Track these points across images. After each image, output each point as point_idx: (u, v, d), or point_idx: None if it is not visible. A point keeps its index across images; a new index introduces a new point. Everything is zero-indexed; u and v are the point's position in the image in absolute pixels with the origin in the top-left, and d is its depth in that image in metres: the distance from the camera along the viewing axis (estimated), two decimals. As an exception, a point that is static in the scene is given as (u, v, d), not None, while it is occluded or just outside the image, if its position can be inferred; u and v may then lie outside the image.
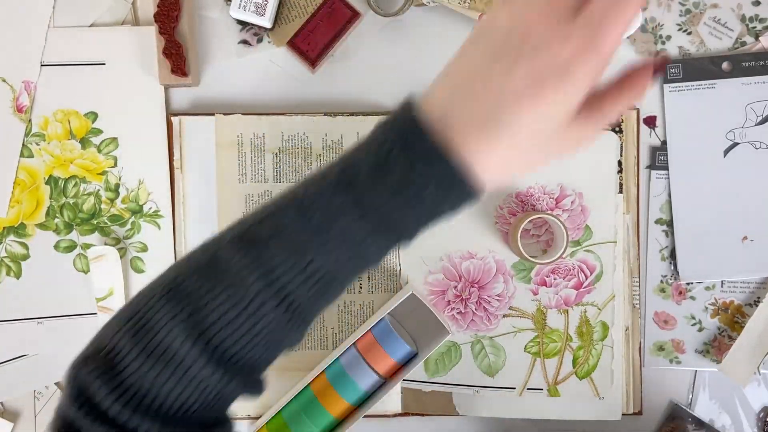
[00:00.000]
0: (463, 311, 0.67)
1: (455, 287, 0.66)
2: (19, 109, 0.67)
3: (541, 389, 0.66)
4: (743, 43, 0.69)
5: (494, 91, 0.33)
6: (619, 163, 0.66)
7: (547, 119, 0.33)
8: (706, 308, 0.69)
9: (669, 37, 0.69)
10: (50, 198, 0.67)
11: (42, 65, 0.67)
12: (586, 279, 0.66)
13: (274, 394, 0.66)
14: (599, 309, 0.66)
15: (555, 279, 0.66)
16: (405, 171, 0.34)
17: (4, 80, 0.67)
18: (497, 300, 0.66)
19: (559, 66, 0.32)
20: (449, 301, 0.66)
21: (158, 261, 0.67)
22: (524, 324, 0.67)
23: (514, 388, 0.66)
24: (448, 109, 0.34)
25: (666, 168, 0.68)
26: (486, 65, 0.33)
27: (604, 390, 0.66)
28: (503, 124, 0.33)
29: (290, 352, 0.41)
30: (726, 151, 0.68)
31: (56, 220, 0.67)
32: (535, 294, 0.66)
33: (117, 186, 0.67)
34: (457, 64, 0.36)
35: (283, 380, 0.66)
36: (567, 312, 0.66)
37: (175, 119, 0.67)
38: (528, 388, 0.66)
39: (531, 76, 0.32)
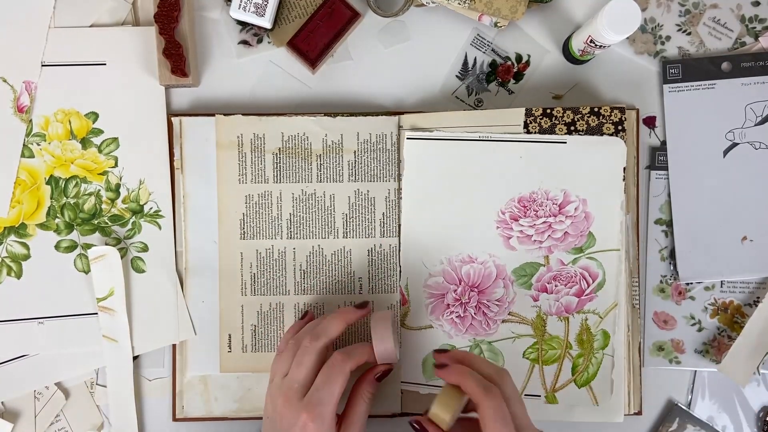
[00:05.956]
0: (462, 315, 0.66)
1: (455, 291, 0.66)
2: (20, 109, 0.67)
3: (539, 396, 0.66)
4: (743, 44, 0.69)
5: None
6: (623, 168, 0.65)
7: None
8: (706, 308, 0.69)
9: (668, 38, 0.69)
10: (51, 198, 0.67)
11: (43, 65, 0.67)
12: (588, 287, 0.66)
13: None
14: (600, 317, 0.66)
15: (556, 286, 0.66)
16: None
17: (4, 80, 0.67)
18: (497, 305, 0.66)
19: (304, 427, 0.54)
20: (448, 304, 0.66)
21: (159, 261, 0.67)
22: (523, 330, 0.66)
23: (512, 393, 0.66)
24: None
25: (666, 168, 0.68)
26: None
27: (604, 399, 0.65)
28: None
29: None
30: (726, 152, 0.68)
31: (57, 220, 0.67)
32: (536, 300, 0.66)
33: (117, 186, 0.67)
34: None
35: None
36: (567, 319, 0.66)
37: (175, 119, 0.67)
38: (525, 394, 0.66)
39: None
